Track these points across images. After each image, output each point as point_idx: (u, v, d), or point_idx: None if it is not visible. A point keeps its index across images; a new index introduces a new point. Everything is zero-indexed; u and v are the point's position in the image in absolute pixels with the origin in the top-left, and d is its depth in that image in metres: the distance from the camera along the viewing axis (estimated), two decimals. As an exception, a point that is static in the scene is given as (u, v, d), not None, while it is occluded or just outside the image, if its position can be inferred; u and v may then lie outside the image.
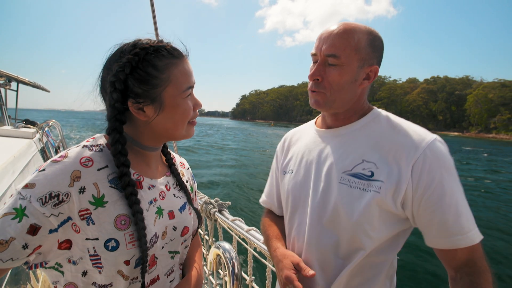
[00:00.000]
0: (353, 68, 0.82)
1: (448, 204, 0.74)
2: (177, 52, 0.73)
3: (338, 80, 0.82)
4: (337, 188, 0.84)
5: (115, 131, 0.68)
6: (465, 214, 0.75)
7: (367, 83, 0.86)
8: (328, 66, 0.83)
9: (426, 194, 0.75)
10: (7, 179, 1.68)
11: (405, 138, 0.79)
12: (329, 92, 0.84)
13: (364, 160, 0.82)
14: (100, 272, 0.65)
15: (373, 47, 0.83)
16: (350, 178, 0.82)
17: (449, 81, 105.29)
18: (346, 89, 0.84)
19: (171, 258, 0.81)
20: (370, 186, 0.79)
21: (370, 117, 0.89)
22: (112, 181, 0.67)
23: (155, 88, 0.69)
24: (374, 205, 0.78)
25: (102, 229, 0.63)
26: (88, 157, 0.65)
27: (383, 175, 0.78)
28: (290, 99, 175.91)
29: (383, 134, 0.83)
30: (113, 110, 0.68)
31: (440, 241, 0.77)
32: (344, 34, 0.80)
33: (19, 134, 3.04)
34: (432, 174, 0.74)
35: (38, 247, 0.60)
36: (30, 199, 0.57)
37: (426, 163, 0.75)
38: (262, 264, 1.66)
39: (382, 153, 0.80)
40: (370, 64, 0.84)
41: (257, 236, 1.64)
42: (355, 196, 0.81)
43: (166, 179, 0.83)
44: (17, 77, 4.38)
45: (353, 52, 0.80)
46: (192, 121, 0.78)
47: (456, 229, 0.74)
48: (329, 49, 0.81)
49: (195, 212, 0.90)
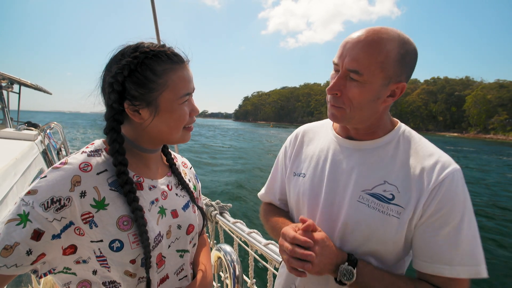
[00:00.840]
0: (376, 86, 0.74)
1: (447, 234, 0.72)
2: (177, 58, 0.74)
3: (358, 97, 0.75)
4: (353, 206, 0.81)
5: (113, 130, 0.70)
6: (463, 248, 0.71)
7: (391, 100, 0.78)
8: (349, 80, 0.76)
9: (430, 220, 0.74)
10: (9, 181, 1.68)
11: (430, 165, 0.76)
12: (349, 109, 0.78)
13: (386, 181, 0.79)
14: (109, 271, 0.67)
15: (403, 63, 0.73)
16: (369, 197, 0.79)
17: (448, 82, 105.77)
18: (366, 108, 0.77)
19: (180, 257, 0.82)
20: (390, 210, 0.76)
21: (395, 135, 0.84)
22: (112, 184, 0.69)
23: (152, 92, 0.70)
24: (391, 229, 0.76)
25: (106, 231, 0.65)
26: (87, 162, 0.67)
27: (403, 201, 0.76)
28: (292, 100, 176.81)
29: (408, 158, 0.80)
30: (111, 110, 0.70)
31: (423, 264, 0.75)
32: (370, 46, 0.71)
33: (21, 136, 3.05)
34: (444, 202, 0.72)
35: (42, 256, 0.61)
36: (33, 205, 0.59)
37: (441, 190, 0.73)
38: (263, 266, 1.66)
39: (405, 178, 0.77)
40: (397, 81, 0.75)
41: (258, 238, 1.63)
42: (372, 217, 0.78)
43: (167, 179, 0.84)
44: (19, 79, 4.40)
45: (378, 70, 0.72)
46: (188, 126, 0.78)
47: (446, 259, 0.72)
48: (351, 63, 0.73)
49: (199, 210, 0.91)
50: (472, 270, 0.71)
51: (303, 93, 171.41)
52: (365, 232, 0.79)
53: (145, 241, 0.67)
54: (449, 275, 0.72)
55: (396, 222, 0.76)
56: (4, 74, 3.94)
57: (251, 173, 13.79)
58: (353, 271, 0.74)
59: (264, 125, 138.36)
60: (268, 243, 1.56)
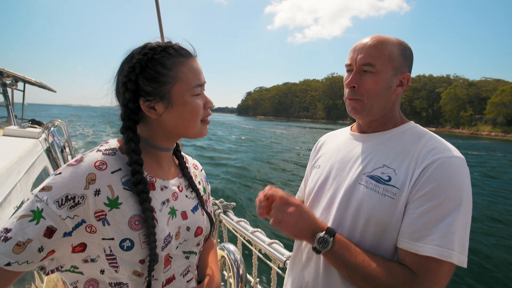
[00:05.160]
0: (387, 75, 0.86)
1: (425, 212, 0.73)
2: (185, 51, 0.76)
3: (374, 87, 0.86)
4: (352, 187, 0.87)
5: (129, 130, 0.71)
6: (440, 229, 0.71)
7: (400, 89, 0.90)
8: (363, 74, 0.87)
9: (414, 197, 0.76)
10: (13, 179, 1.69)
11: (427, 150, 0.80)
12: (366, 99, 0.88)
13: (385, 165, 0.84)
14: (117, 271, 0.66)
15: (404, 56, 0.88)
16: (367, 179, 0.85)
17: (431, 80, 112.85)
18: (381, 96, 0.88)
19: (186, 259, 0.82)
20: (385, 191, 0.80)
21: (404, 127, 0.91)
22: (126, 183, 0.69)
23: (164, 85, 0.71)
24: (388, 210, 0.79)
25: (118, 229, 0.65)
26: (102, 160, 0.68)
27: (399, 182, 0.79)
28: (289, 96, 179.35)
29: (409, 144, 0.85)
30: (126, 110, 0.71)
31: (400, 240, 0.76)
32: (378, 45, 0.86)
33: (25, 134, 3.06)
34: (429, 181, 0.74)
35: (51, 252, 0.61)
36: (47, 202, 0.59)
37: (429, 171, 0.75)
38: (267, 266, 1.65)
39: (402, 161, 0.82)
40: (402, 72, 0.89)
41: (262, 237, 1.62)
42: (368, 197, 0.82)
43: (178, 180, 0.84)
44: (23, 77, 4.42)
45: (387, 61, 0.85)
46: (205, 119, 0.79)
47: (418, 235, 0.72)
48: (364, 58, 0.86)
49: (207, 215, 0.91)
50: (444, 253, 0.69)
51: (301, 89, 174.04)
52: (363, 213, 0.82)
53: (152, 242, 0.66)
54: (416, 251, 0.72)
55: (392, 203, 0.78)
56: (8, 71, 3.96)
57: (258, 171, 13.79)
58: (329, 240, 0.78)
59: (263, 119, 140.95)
60: (272, 242, 1.55)
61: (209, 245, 1.01)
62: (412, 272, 0.72)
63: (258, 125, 70.54)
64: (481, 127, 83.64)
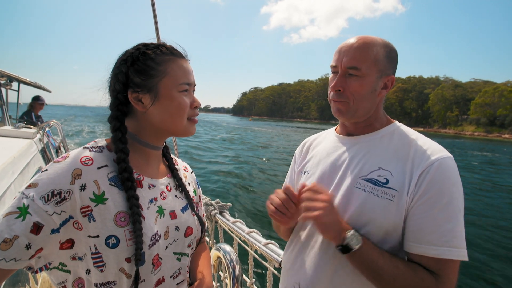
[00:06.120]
0: (372, 78, 0.87)
1: (435, 216, 0.75)
2: (177, 52, 0.78)
3: (359, 90, 0.87)
4: (350, 191, 0.86)
5: (116, 119, 0.72)
6: (449, 230, 0.74)
7: (385, 92, 0.91)
8: (349, 77, 0.88)
9: (419, 202, 0.77)
10: (7, 180, 1.67)
11: (421, 151, 0.82)
12: (352, 102, 0.88)
13: (380, 167, 0.84)
14: (102, 270, 0.66)
15: (389, 58, 0.89)
16: (364, 183, 0.84)
17: (420, 81, 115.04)
18: (367, 99, 0.88)
19: (177, 260, 0.81)
20: (384, 193, 0.81)
21: (391, 128, 0.93)
22: (112, 179, 0.69)
23: (152, 78, 0.73)
24: (388, 212, 0.79)
25: (103, 226, 0.65)
26: (88, 156, 0.68)
27: (398, 184, 0.80)
28: (284, 96, 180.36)
29: (401, 146, 0.86)
30: (115, 100, 0.73)
31: (412, 246, 0.78)
32: (363, 47, 0.85)
33: (19, 134, 3.03)
34: (432, 184, 0.76)
35: (40, 250, 0.60)
36: (33, 198, 0.59)
37: (430, 173, 0.77)
38: (263, 266, 1.65)
39: (398, 163, 0.83)
40: (387, 74, 0.89)
41: (258, 238, 1.63)
42: (367, 200, 0.82)
43: (167, 180, 0.84)
44: (18, 77, 4.37)
45: (373, 64, 0.86)
46: (193, 118, 0.80)
47: (432, 239, 0.74)
48: (350, 61, 0.86)
49: (198, 218, 0.90)
50: (460, 253, 0.74)
51: (295, 89, 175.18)
52: (363, 217, 0.82)
53: (138, 237, 0.66)
54: (434, 255, 0.74)
55: (391, 205, 0.79)
56: (3, 71, 3.91)
57: (253, 173, 13.78)
58: (360, 238, 0.77)
59: (256, 119, 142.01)
60: (268, 242, 1.56)
61: (202, 248, 1.01)
62: (432, 273, 0.75)
63: (249, 124, 71.06)
64: (466, 127, 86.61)
